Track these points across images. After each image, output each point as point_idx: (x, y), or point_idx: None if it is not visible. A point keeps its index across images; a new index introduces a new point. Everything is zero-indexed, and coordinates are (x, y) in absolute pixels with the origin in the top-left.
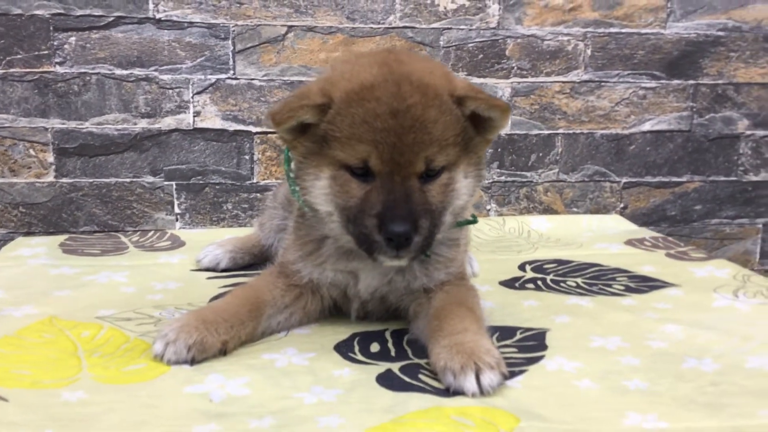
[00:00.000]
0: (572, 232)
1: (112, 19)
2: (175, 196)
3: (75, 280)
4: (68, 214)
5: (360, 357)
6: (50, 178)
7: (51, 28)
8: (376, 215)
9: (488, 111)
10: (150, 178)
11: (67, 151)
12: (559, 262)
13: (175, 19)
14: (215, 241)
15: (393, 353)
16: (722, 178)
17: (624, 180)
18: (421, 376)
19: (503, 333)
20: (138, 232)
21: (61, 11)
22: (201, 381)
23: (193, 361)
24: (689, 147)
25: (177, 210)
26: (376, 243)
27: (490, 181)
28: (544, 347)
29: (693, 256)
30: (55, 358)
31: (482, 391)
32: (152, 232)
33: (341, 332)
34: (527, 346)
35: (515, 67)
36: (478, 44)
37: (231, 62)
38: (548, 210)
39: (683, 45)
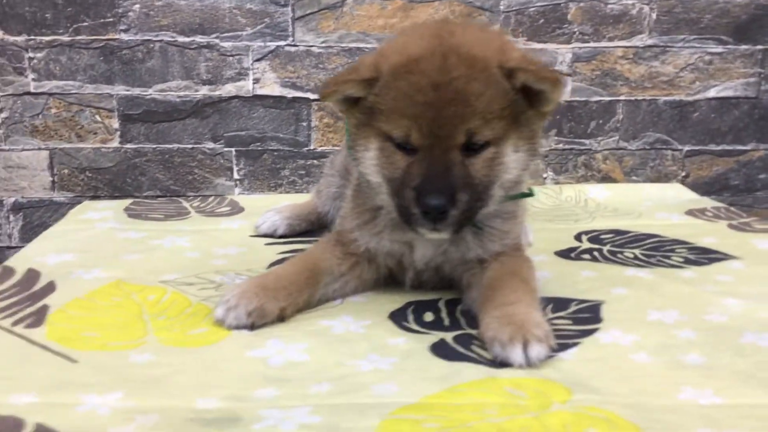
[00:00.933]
0: (631, 202)
1: None
2: (234, 162)
3: (142, 244)
4: (132, 179)
5: (414, 326)
6: (115, 144)
7: None
8: (414, 187)
9: (538, 83)
10: (210, 144)
11: (131, 117)
12: (617, 232)
13: None
14: (273, 207)
15: (446, 323)
16: None
17: (686, 148)
18: (473, 347)
19: (557, 304)
20: (199, 198)
21: None
22: (262, 345)
23: (252, 327)
24: (756, 114)
25: (236, 176)
26: (414, 215)
27: (548, 148)
28: (599, 319)
29: (756, 227)
30: (123, 320)
31: (529, 363)
32: (212, 198)
33: (396, 301)
34: (582, 318)
35: (577, 32)
36: (539, 8)
37: (290, 29)
38: (606, 178)
39: (752, 8)
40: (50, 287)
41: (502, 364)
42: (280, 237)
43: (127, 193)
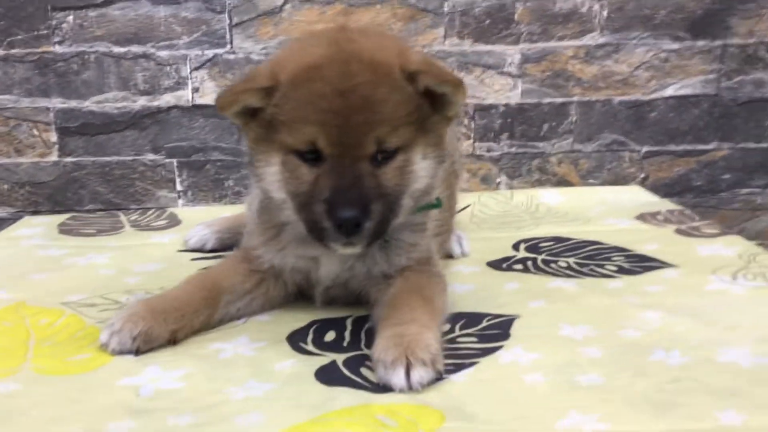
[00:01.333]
0: (584, 206)
1: None
2: (176, 173)
3: (57, 263)
4: (73, 192)
5: (310, 347)
6: (54, 158)
7: (49, 8)
8: (325, 201)
9: (440, 86)
10: (151, 156)
11: (69, 130)
12: (557, 239)
13: None
14: (203, 221)
15: (346, 343)
16: (753, 145)
17: (645, 149)
18: (362, 370)
19: (470, 320)
20: (138, 211)
21: None
22: (138, 373)
23: (137, 351)
24: (716, 112)
25: (179, 187)
26: (326, 230)
27: (500, 152)
28: (506, 336)
29: (704, 232)
30: (5, 347)
31: (411, 387)
32: (152, 211)
33: (301, 319)
34: (489, 336)
35: (525, 32)
36: (484, 9)
37: (228, 36)
38: (562, 182)
39: (709, 3)
40: None
41: (385, 387)
42: (210, 251)
43: (69, 207)
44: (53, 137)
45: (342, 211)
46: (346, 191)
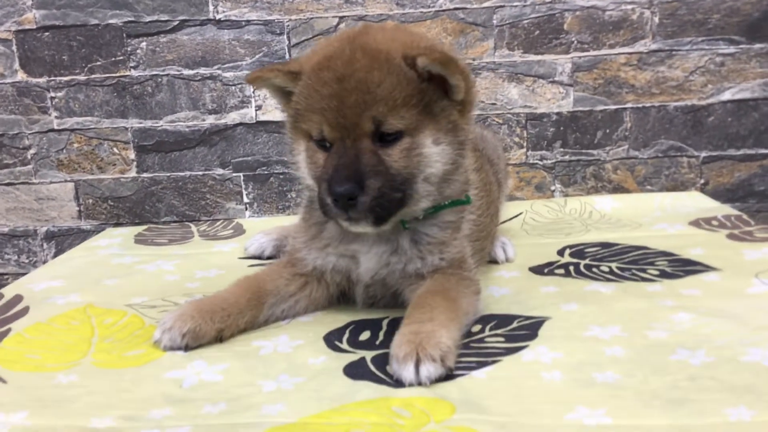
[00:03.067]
0: (640, 212)
1: (177, 23)
2: (243, 186)
3: (129, 269)
4: (150, 206)
5: (344, 345)
6: (133, 174)
7: (124, 35)
8: (327, 179)
9: (432, 66)
10: (220, 171)
11: (145, 148)
12: (604, 245)
13: (233, 18)
14: (263, 229)
15: (378, 341)
16: None
17: (703, 154)
18: (388, 367)
19: (501, 321)
20: (208, 222)
21: (132, 19)
22: (184, 367)
23: (187, 348)
24: None
25: (246, 199)
26: (328, 206)
27: (554, 161)
28: (534, 336)
29: (756, 236)
30: (71, 343)
31: (420, 382)
32: (220, 221)
33: (341, 320)
34: (516, 336)
35: (575, 41)
36: (533, 20)
37: (287, 56)
38: (619, 189)
39: (765, 5)
40: (23, 312)
41: (397, 381)
42: (268, 258)
43: (147, 219)
44: (132, 155)
45: (337, 186)
46: (342, 168)
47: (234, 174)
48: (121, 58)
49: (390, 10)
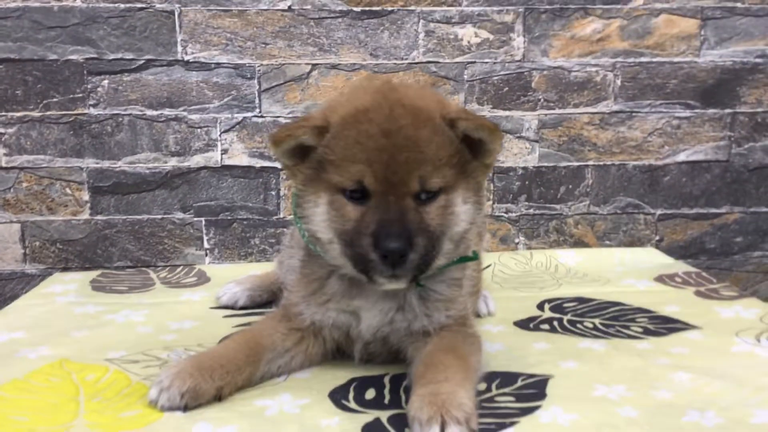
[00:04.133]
0: (602, 267)
1: (142, 62)
2: (204, 231)
3: (95, 320)
4: (103, 250)
5: (353, 405)
6: (85, 216)
7: (85, 72)
8: (371, 234)
9: (477, 131)
10: (180, 215)
11: (101, 189)
12: (580, 300)
13: (202, 60)
14: (234, 278)
15: (387, 401)
16: (764, 209)
17: (659, 212)
18: (407, 430)
19: (504, 379)
20: (167, 268)
21: (95, 56)
22: (189, 430)
23: (186, 408)
24: (728, 177)
25: (206, 245)
26: (372, 262)
27: (518, 214)
28: (543, 396)
29: (723, 294)
30: (56, 403)
31: None
32: (181, 268)
33: (340, 377)
34: (525, 395)
35: (542, 99)
36: (503, 77)
37: (257, 101)
38: (579, 243)
39: (719, 73)
40: None
41: None
42: (241, 308)
43: (98, 264)
44: (85, 196)
45: (388, 242)
46: (392, 224)
47: (195, 219)
48: (80, 95)
49: (363, 60)
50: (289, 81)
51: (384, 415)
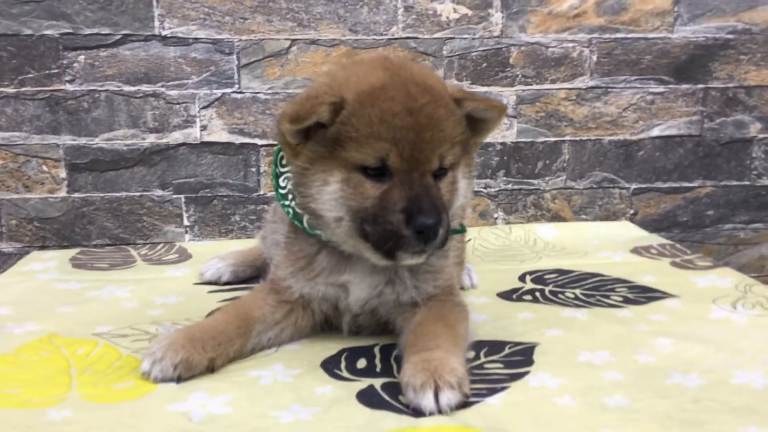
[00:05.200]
0: (579, 240)
1: (119, 37)
2: (183, 208)
3: (80, 296)
4: (81, 228)
5: (345, 373)
6: (63, 194)
7: (60, 48)
8: (402, 210)
9: (485, 112)
10: (159, 192)
11: (78, 166)
12: (560, 272)
13: (180, 35)
14: (218, 254)
15: (378, 369)
16: (735, 183)
17: (633, 186)
18: (401, 396)
19: (492, 348)
20: (147, 245)
21: (70, 31)
22: (184, 399)
23: (179, 379)
24: (700, 152)
25: (186, 222)
26: (403, 238)
27: (497, 189)
28: (530, 362)
29: (698, 264)
30: (48, 376)
31: (440, 410)
32: (161, 245)
33: (330, 348)
34: (514, 362)
35: (520, 75)
36: (481, 53)
37: (236, 77)
38: (556, 217)
39: (691, 49)
40: None
41: (414, 410)
42: (225, 284)
43: (76, 242)
44: (62, 173)
45: (423, 218)
46: (423, 200)
47: (174, 196)
48: (56, 71)
49: (343, 36)
50: (269, 56)
51: (377, 383)
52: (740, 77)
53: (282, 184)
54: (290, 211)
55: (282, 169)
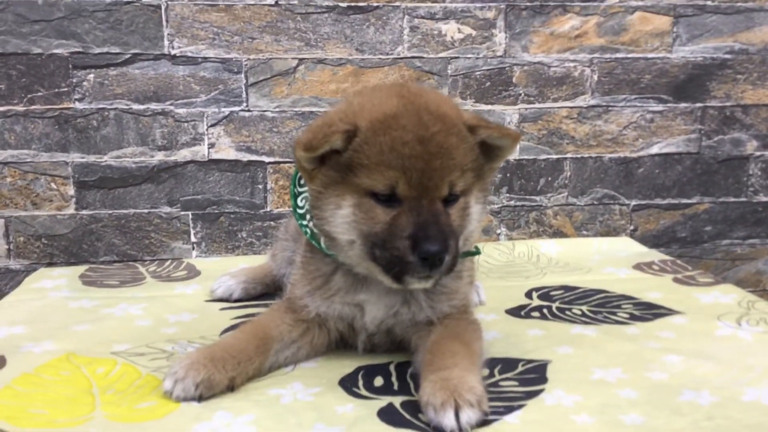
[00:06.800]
0: (581, 256)
1: (128, 56)
2: (191, 225)
3: (93, 314)
4: (89, 244)
5: (363, 392)
6: (71, 210)
7: (70, 66)
8: (409, 237)
9: (499, 140)
10: (167, 209)
11: (86, 184)
12: (566, 288)
13: (189, 54)
14: (229, 271)
15: (396, 387)
16: (732, 199)
17: (633, 202)
18: (420, 415)
19: (505, 365)
20: (155, 262)
21: (80, 50)
22: (209, 418)
23: (200, 398)
24: (698, 169)
25: (193, 239)
26: (409, 264)
27: (500, 205)
28: (544, 380)
29: (700, 281)
30: (71, 396)
31: (461, 429)
32: (169, 262)
33: (347, 366)
34: (528, 379)
35: (522, 94)
36: (485, 72)
37: (244, 95)
38: (558, 233)
39: (690, 68)
40: (1, 362)
41: (435, 429)
42: (236, 301)
43: (84, 259)
44: (71, 191)
45: (428, 245)
46: (430, 227)
47: (182, 212)
48: (66, 89)
49: (349, 55)
50: (276, 75)
51: (396, 401)
52: (737, 96)
53: (300, 204)
54: (308, 231)
55: (300, 189)
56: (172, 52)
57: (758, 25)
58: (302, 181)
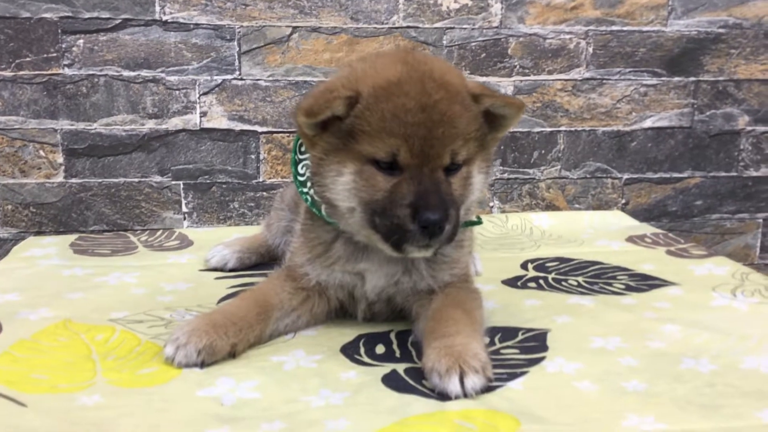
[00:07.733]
0: (574, 229)
1: (119, 21)
2: (182, 195)
3: (86, 282)
4: (78, 213)
5: (366, 359)
6: (60, 179)
7: (59, 31)
8: (409, 205)
9: (503, 108)
10: (158, 178)
11: (76, 151)
12: (561, 260)
13: (181, 21)
14: (223, 241)
15: (398, 354)
16: (723, 174)
17: (625, 176)
18: (424, 381)
19: (505, 334)
20: (147, 232)
21: (69, 14)
22: (212, 384)
23: (203, 365)
24: (690, 143)
25: (184, 209)
26: (409, 233)
27: (494, 178)
28: (545, 348)
29: (693, 253)
30: (71, 361)
31: (465, 394)
32: (161, 232)
33: (347, 334)
34: (528, 347)
35: (517, 66)
36: (480, 43)
37: (237, 63)
38: (550, 206)
39: (684, 42)
40: None
41: (440, 394)
42: (230, 270)
43: (73, 228)
44: (60, 158)
45: (429, 214)
46: (430, 196)
47: (173, 182)
48: (54, 55)
49: (344, 24)
50: (270, 43)
51: (399, 368)
52: (730, 71)
53: (301, 172)
54: (308, 198)
55: (301, 156)
56: (164, 18)
57: (752, 0)
58: (303, 148)
